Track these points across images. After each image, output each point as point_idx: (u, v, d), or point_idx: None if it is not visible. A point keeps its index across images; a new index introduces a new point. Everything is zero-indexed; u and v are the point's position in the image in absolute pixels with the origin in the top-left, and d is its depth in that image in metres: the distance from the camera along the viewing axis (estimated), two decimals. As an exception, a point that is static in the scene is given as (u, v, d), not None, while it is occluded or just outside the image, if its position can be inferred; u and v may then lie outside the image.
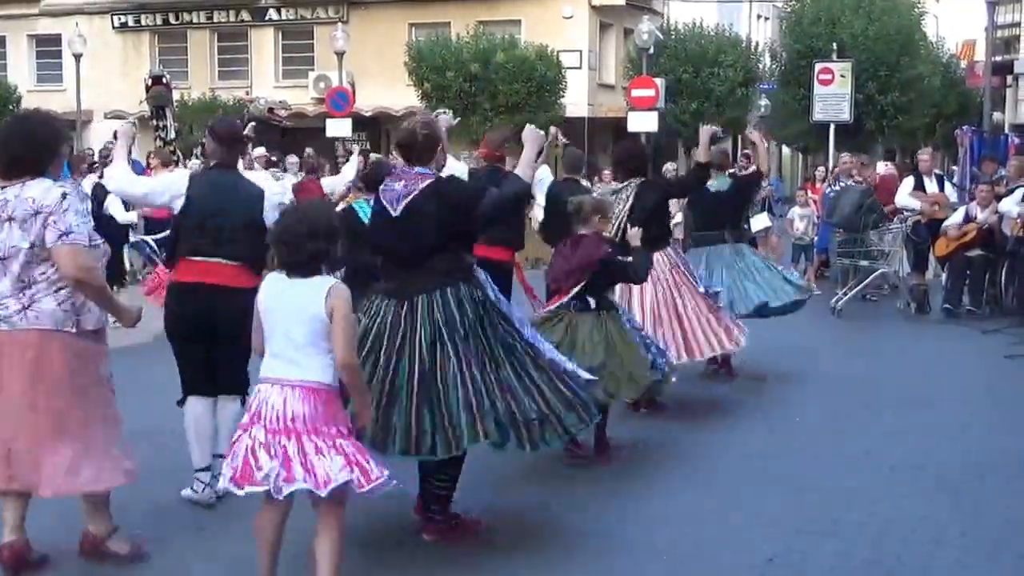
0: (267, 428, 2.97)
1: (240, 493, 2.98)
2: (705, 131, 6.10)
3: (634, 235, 4.80)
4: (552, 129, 6.81)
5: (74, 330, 3.28)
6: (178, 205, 4.09)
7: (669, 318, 5.62)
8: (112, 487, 3.37)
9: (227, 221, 4.00)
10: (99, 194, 8.67)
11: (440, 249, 3.59)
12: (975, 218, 9.38)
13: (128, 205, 9.04)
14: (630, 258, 4.74)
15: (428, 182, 3.64)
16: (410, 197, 3.61)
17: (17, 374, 3.23)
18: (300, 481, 2.94)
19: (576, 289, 4.54)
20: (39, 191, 3.22)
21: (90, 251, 3.27)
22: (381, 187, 3.80)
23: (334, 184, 8.63)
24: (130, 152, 4.43)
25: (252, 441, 2.98)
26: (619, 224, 5.50)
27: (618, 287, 5.44)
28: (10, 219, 3.22)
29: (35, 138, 3.32)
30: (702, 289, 5.84)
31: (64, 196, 3.21)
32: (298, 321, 3.00)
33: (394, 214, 3.63)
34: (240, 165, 4.55)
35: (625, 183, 5.72)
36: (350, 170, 8.88)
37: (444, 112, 6.03)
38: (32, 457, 3.24)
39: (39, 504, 3.45)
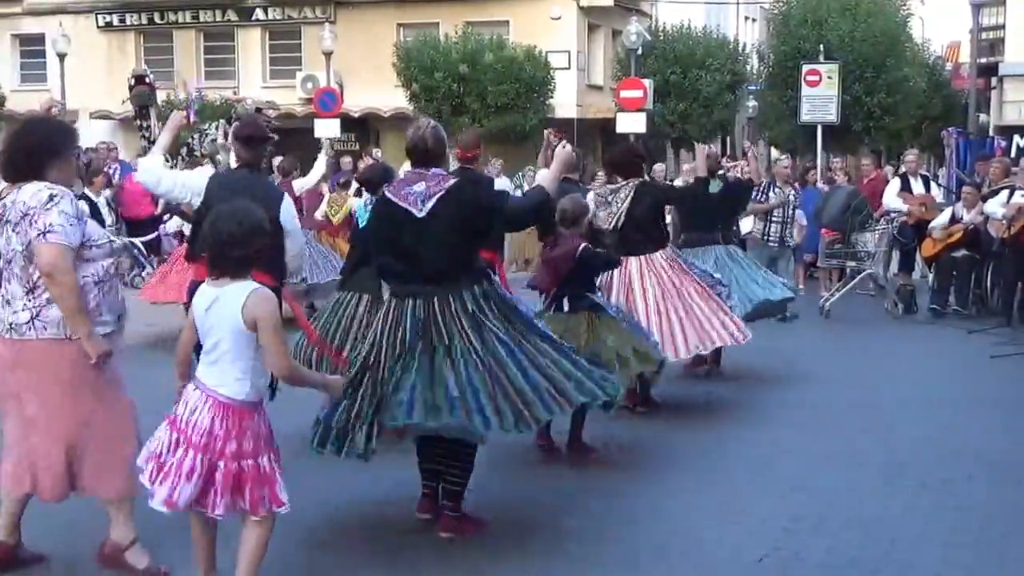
0: (190, 443, 2.92)
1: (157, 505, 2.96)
2: (702, 150, 6.68)
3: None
4: (548, 133, 6.87)
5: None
6: (196, 202, 4.11)
7: (676, 309, 5.61)
8: (136, 493, 3.30)
9: None
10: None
11: (463, 248, 3.66)
12: (961, 219, 9.44)
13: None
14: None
15: (453, 182, 3.69)
16: (436, 197, 3.63)
17: (33, 386, 3.22)
18: (214, 508, 2.94)
19: (559, 286, 4.71)
20: (30, 194, 3.22)
21: (67, 251, 3.16)
22: (392, 188, 3.79)
23: (303, 185, 8.66)
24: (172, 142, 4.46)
25: (177, 457, 2.94)
26: (615, 222, 5.66)
27: (615, 289, 5.55)
28: (6, 222, 3.25)
29: (29, 141, 3.32)
30: (708, 280, 5.88)
31: (51, 197, 3.19)
32: (220, 329, 2.95)
33: (419, 215, 3.63)
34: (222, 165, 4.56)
35: (624, 183, 5.82)
36: (319, 168, 8.89)
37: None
38: (79, 465, 3.25)
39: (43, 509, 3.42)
